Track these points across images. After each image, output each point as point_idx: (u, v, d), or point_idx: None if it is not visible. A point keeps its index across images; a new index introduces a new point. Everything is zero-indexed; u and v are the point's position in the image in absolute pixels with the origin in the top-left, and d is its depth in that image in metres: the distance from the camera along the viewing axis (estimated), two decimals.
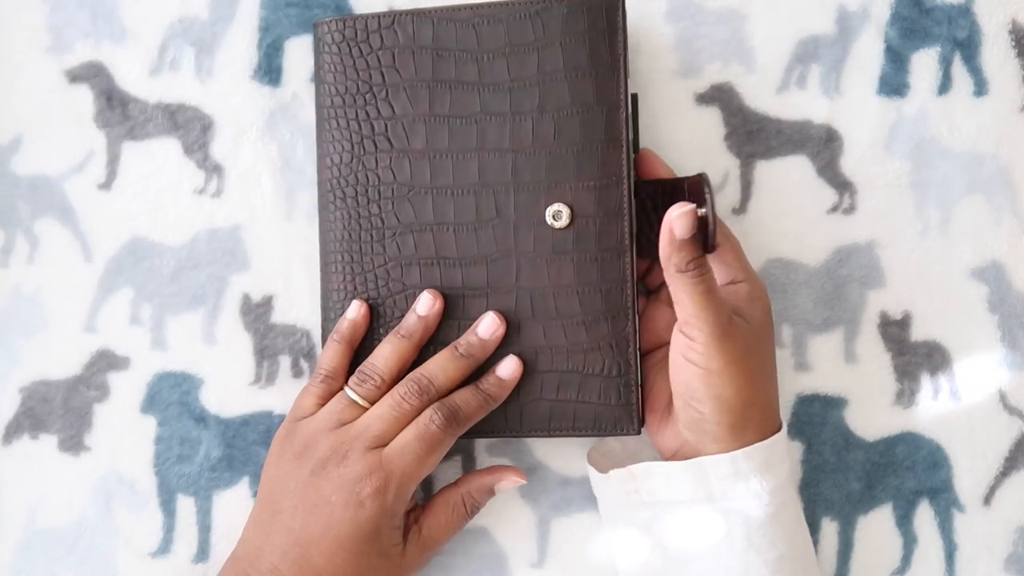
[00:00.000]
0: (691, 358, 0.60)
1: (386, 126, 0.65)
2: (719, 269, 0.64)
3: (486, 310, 0.65)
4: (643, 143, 0.68)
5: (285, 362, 0.70)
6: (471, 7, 0.65)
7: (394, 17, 0.65)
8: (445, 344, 0.64)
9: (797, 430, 0.69)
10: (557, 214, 0.63)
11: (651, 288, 0.68)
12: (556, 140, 0.64)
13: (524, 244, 0.64)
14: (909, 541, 0.69)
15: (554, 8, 0.64)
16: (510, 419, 0.65)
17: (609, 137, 0.63)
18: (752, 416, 0.60)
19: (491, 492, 0.66)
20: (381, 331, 0.65)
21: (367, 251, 0.66)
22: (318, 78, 0.66)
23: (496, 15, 0.64)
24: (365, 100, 0.65)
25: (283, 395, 0.70)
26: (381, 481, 0.61)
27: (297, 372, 0.70)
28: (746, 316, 0.62)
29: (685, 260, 0.58)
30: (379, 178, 0.65)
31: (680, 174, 0.69)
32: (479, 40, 0.64)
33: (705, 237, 0.58)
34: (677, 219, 0.58)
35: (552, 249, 0.64)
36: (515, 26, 0.64)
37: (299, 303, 0.70)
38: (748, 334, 0.61)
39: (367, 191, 0.65)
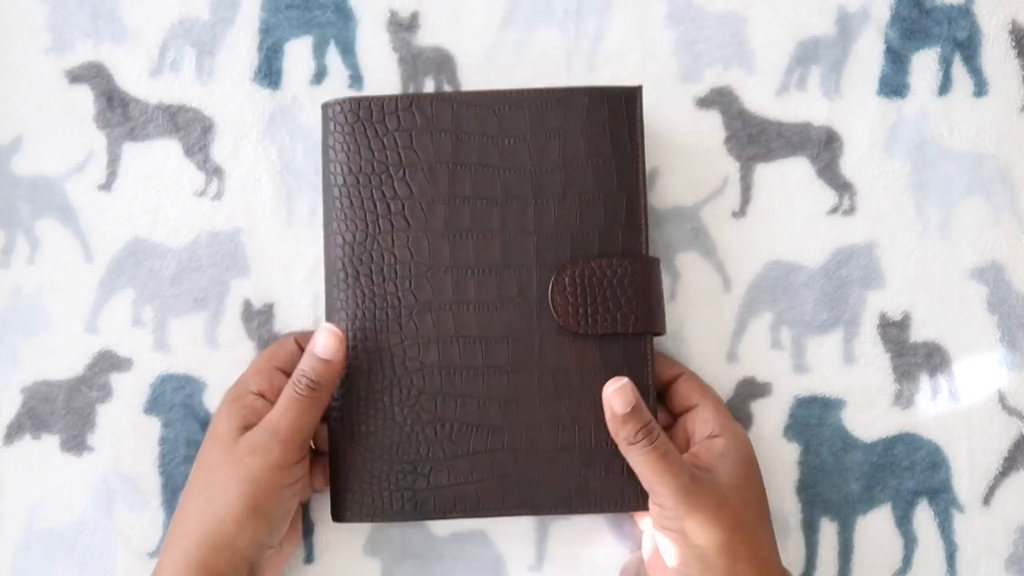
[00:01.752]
0: (665, 524, 0.60)
1: (403, 205, 0.65)
2: (697, 426, 0.64)
3: (508, 388, 0.64)
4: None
5: None
6: (492, 93, 0.65)
7: (412, 100, 0.65)
8: (464, 422, 0.64)
9: (795, 432, 0.69)
10: None
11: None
12: (579, 223, 0.64)
13: (547, 323, 0.64)
14: (909, 542, 0.69)
15: (576, 97, 0.65)
16: (534, 498, 0.64)
17: (630, 220, 0.65)
18: (742, 572, 0.60)
19: (315, 356, 0.62)
20: (396, 409, 0.64)
21: (382, 329, 0.64)
22: (326, 156, 0.66)
23: (518, 101, 0.65)
24: (380, 180, 0.65)
25: None
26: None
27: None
28: (716, 471, 0.61)
29: (633, 432, 0.60)
30: (395, 257, 0.65)
31: (681, 176, 0.69)
32: (501, 125, 0.65)
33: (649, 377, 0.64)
34: (614, 396, 0.61)
35: None
36: (538, 113, 0.65)
37: (301, 311, 0.70)
38: (717, 488, 0.60)
39: (382, 269, 0.65)
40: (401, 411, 0.64)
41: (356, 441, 0.64)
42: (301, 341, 0.67)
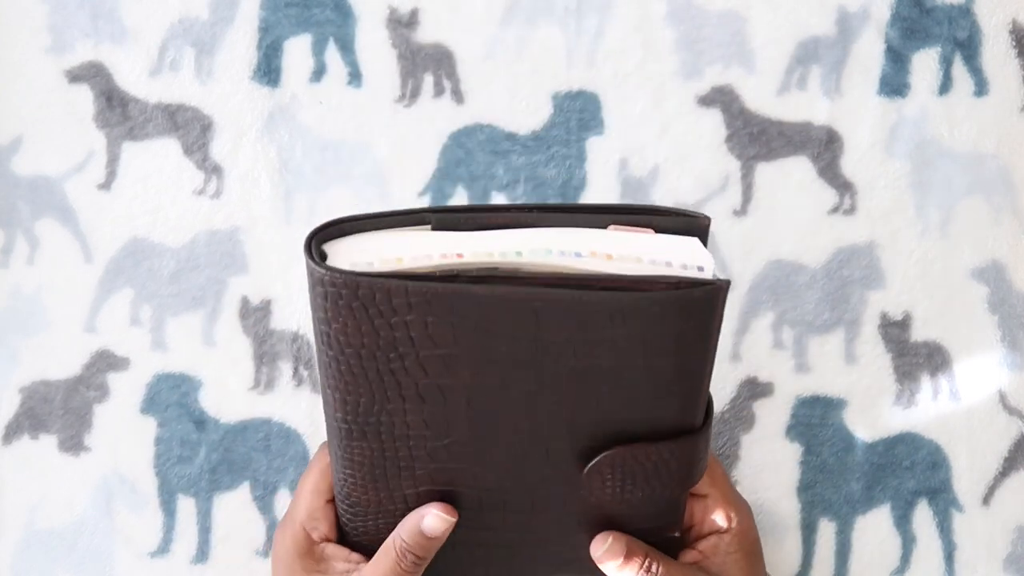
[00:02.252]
0: None
1: (416, 385, 0.51)
2: (704, 516, 0.61)
3: (529, 526, 0.57)
4: (643, 146, 0.68)
5: (285, 368, 0.70)
6: (532, 293, 0.48)
7: (427, 292, 0.48)
8: (483, 545, 0.59)
9: (797, 432, 0.69)
10: None
11: None
12: (624, 413, 0.52)
13: (574, 488, 0.54)
14: (908, 541, 0.69)
15: (643, 306, 0.48)
16: None
17: (686, 404, 0.53)
18: None
19: (421, 534, 0.57)
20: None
21: (394, 476, 0.55)
22: (322, 320, 0.50)
23: (566, 306, 0.48)
24: (388, 359, 0.50)
25: (283, 402, 0.70)
26: None
27: (298, 380, 0.70)
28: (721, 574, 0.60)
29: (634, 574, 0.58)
30: (408, 425, 0.52)
31: (681, 176, 0.69)
32: (539, 326, 0.49)
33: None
34: (602, 559, 0.58)
35: None
36: (588, 320, 0.48)
37: (298, 308, 0.70)
38: None
39: (393, 432, 0.53)
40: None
41: None
42: None
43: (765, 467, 0.69)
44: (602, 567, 0.58)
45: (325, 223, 0.50)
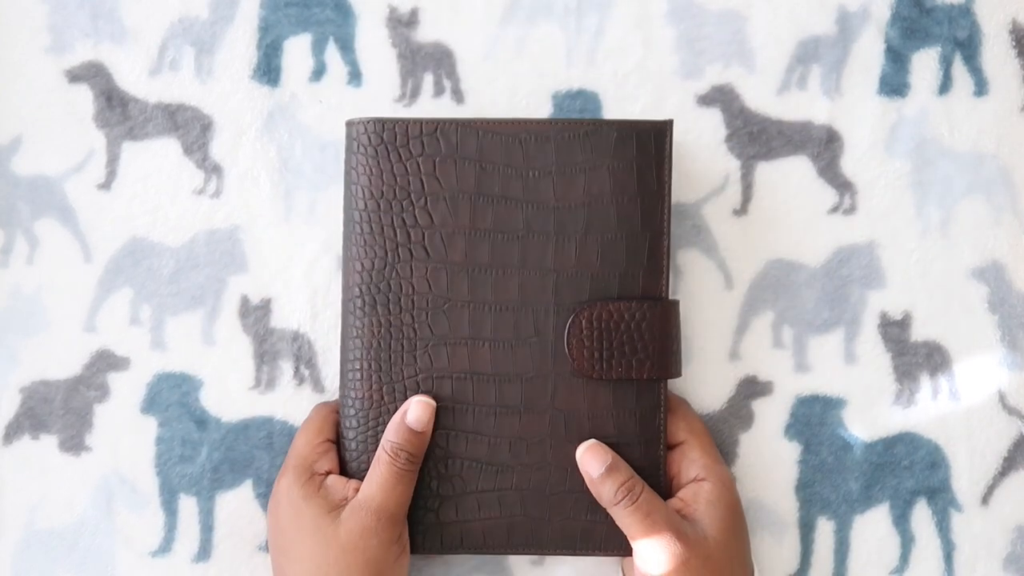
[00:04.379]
0: None
1: (424, 235, 0.63)
2: (684, 467, 0.64)
3: (519, 428, 0.63)
4: None
5: (286, 367, 0.70)
6: (519, 122, 0.64)
7: (437, 125, 0.63)
8: (473, 460, 0.64)
9: (796, 431, 0.69)
10: None
11: None
12: (600, 263, 0.63)
13: (561, 365, 0.63)
14: (907, 541, 0.69)
15: (604, 131, 0.63)
16: (539, 537, 0.64)
17: (652, 262, 0.63)
18: None
19: (408, 428, 0.63)
20: None
21: (396, 361, 0.64)
22: (348, 178, 0.64)
23: (545, 133, 0.63)
24: (402, 206, 0.63)
25: (284, 401, 0.70)
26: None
27: (299, 379, 0.70)
28: (702, 523, 0.61)
29: (612, 492, 0.60)
30: (413, 287, 0.63)
31: (682, 176, 0.69)
32: (526, 156, 0.63)
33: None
34: (585, 460, 0.61)
35: None
36: (564, 146, 0.63)
37: (298, 308, 0.70)
38: (703, 545, 0.60)
39: (400, 300, 0.64)
40: None
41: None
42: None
43: (764, 466, 0.70)
44: (585, 472, 0.62)
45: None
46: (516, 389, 0.63)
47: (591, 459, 0.61)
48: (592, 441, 0.62)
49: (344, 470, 0.64)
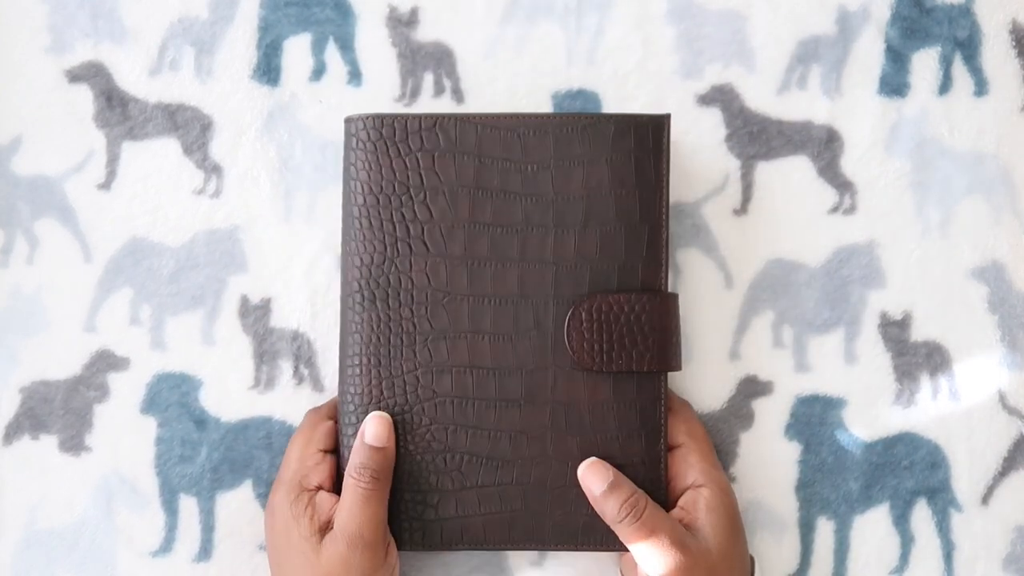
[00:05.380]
0: None
1: (423, 229, 0.63)
2: (682, 471, 0.64)
3: (519, 421, 0.64)
4: None
5: (285, 367, 0.70)
6: (517, 116, 0.64)
7: (436, 120, 0.63)
8: (474, 454, 0.64)
9: (796, 431, 0.69)
10: None
11: None
12: (599, 255, 0.63)
13: (561, 357, 0.63)
14: (906, 541, 0.69)
15: (602, 125, 0.63)
16: (540, 532, 0.64)
17: (651, 254, 0.63)
18: None
19: (368, 446, 0.62)
20: (407, 438, 0.64)
21: (396, 356, 0.64)
22: (347, 174, 0.64)
23: (543, 126, 0.63)
24: (401, 201, 0.64)
25: (284, 401, 0.70)
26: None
27: (299, 379, 0.70)
28: (704, 532, 0.61)
29: (616, 509, 0.60)
30: (412, 282, 0.64)
31: (682, 176, 0.69)
32: (524, 150, 0.63)
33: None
34: (587, 477, 0.61)
35: None
36: (562, 139, 0.63)
37: (298, 307, 0.70)
38: (706, 556, 0.60)
39: (399, 294, 0.64)
40: (412, 440, 0.64)
41: None
42: (332, 415, 0.66)
43: (764, 465, 0.70)
44: (587, 489, 0.62)
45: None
46: (516, 382, 0.63)
47: (593, 477, 0.61)
48: (593, 459, 0.62)
49: (343, 468, 0.64)
